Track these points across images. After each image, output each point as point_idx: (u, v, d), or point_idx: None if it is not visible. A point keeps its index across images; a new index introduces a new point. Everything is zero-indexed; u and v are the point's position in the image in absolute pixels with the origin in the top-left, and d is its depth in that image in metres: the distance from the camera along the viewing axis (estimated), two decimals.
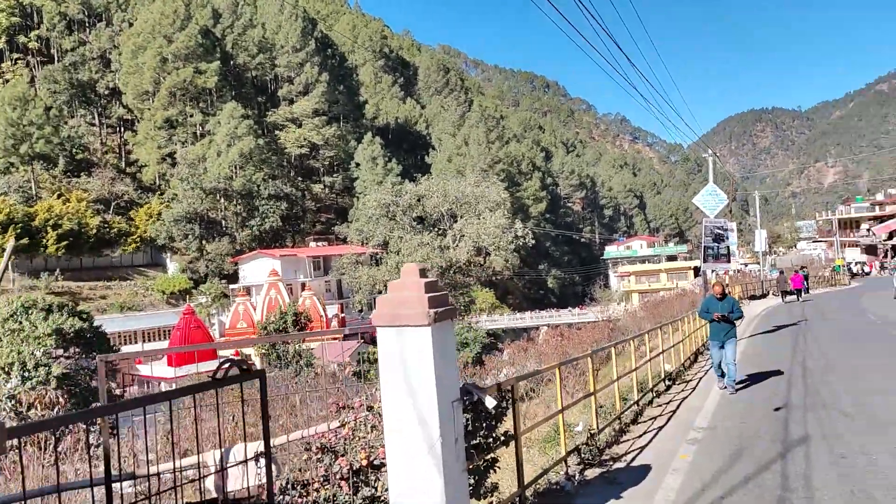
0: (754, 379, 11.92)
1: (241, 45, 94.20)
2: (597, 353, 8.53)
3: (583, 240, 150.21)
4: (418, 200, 51.14)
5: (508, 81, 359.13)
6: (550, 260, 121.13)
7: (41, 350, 26.43)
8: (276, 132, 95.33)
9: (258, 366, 43.70)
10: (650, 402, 10.41)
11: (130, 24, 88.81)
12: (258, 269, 70.30)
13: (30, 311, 27.97)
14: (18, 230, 62.65)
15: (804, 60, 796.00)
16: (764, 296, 41.85)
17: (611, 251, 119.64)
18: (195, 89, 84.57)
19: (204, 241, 76.72)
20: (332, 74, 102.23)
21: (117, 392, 52.44)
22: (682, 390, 11.57)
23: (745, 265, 73.14)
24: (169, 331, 56.74)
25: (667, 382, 11.76)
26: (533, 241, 53.92)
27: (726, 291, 11.90)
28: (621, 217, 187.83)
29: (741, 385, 11.46)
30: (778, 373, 12.31)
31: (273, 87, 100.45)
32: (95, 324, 33.64)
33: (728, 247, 17.54)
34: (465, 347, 39.10)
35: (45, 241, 65.36)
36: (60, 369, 26.54)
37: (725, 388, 11.03)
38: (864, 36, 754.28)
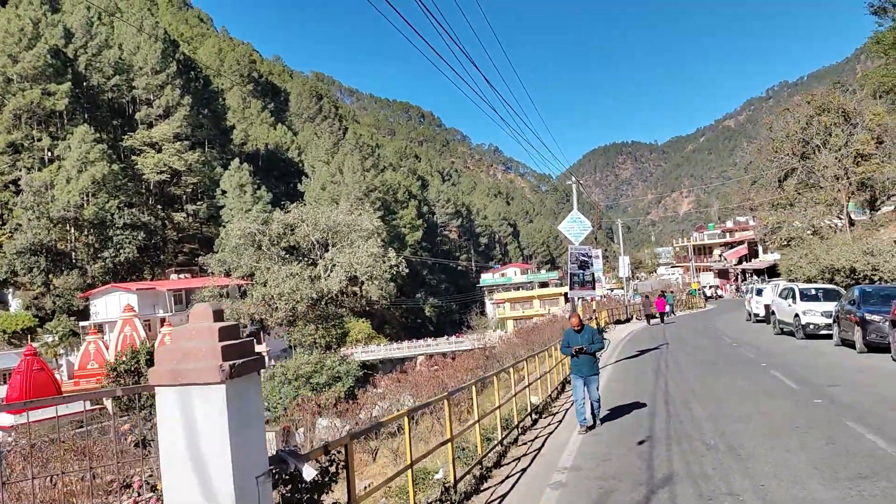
0: (619, 409, 11.64)
1: (96, 66, 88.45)
2: (453, 395, 7.78)
3: (459, 268, 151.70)
4: (290, 230, 49.19)
5: (384, 111, 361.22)
6: (427, 288, 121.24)
7: None
8: (134, 157, 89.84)
9: (109, 410, 40.06)
10: (515, 441, 9.85)
11: None
12: (112, 305, 65.47)
13: None
14: None
15: (660, 97, 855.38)
16: (628, 320, 43.30)
17: (486, 279, 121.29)
18: (43, 112, 78.33)
19: (51, 275, 70.55)
20: (195, 98, 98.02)
21: None
22: (549, 424, 11.10)
23: (611, 290, 76.09)
24: (9, 374, 51.34)
25: (534, 416, 11.26)
26: (407, 270, 53.18)
27: (584, 322, 11.16)
28: (496, 245, 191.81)
29: (605, 416, 11.03)
30: (641, 402, 12.12)
31: (131, 111, 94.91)
32: None
33: (593, 273, 17.54)
34: (338, 382, 37.53)
35: None
36: None
37: (588, 430, 10.14)
38: (711, 75, 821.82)
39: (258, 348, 69.27)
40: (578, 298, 18.66)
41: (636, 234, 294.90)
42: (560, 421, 11.31)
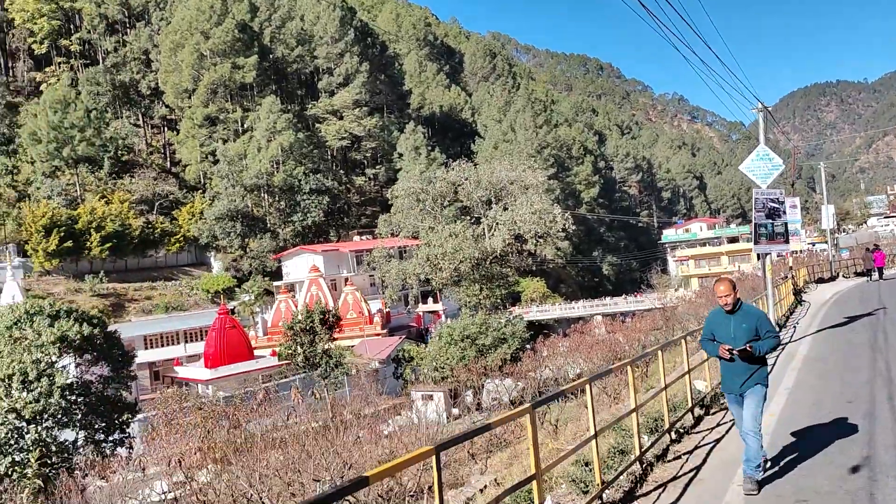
0: (818, 404, 8.72)
1: (280, 38, 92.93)
2: (539, 407, 5.35)
3: (640, 224, 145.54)
4: (454, 188, 48.26)
5: (561, 66, 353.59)
6: (605, 246, 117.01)
7: (45, 359, 24.93)
8: (317, 125, 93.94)
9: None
10: (664, 453, 7.28)
11: (169, 23, 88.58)
12: (300, 266, 69.10)
13: (34, 318, 26.56)
14: (62, 233, 62.78)
15: (870, 29, 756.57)
16: (833, 278, 37.72)
17: (669, 235, 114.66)
18: (234, 85, 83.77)
19: (247, 239, 75.85)
20: (373, 64, 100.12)
21: (157, 394, 51.88)
22: (718, 424, 8.41)
23: (813, 245, 68.27)
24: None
25: (697, 412, 8.69)
26: (573, 227, 50.10)
27: (739, 297, 6.57)
28: (680, 199, 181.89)
29: (792, 442, 7.28)
30: (851, 395, 9.12)
31: (313, 80, 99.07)
32: (112, 328, 32.18)
33: (785, 223, 14.06)
34: (504, 343, 36.38)
35: (88, 243, 65.28)
36: (64, 379, 25.01)
37: (758, 487, 6.02)
38: None
39: (434, 307, 70.28)
40: (766, 255, 15.24)
41: (842, 183, 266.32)
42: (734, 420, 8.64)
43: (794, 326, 17.87)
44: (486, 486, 9.22)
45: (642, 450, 6.52)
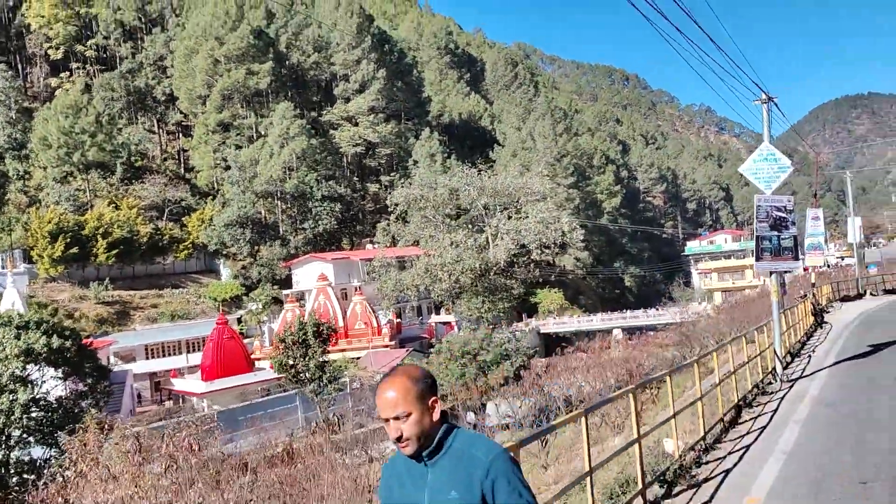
0: (818, 485, 6.54)
1: (296, 44, 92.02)
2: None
3: (664, 235, 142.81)
4: (456, 195, 46.09)
5: (586, 76, 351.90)
6: (627, 257, 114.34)
7: (6, 373, 23.47)
8: (332, 132, 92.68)
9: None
10: None
11: (184, 28, 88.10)
12: (310, 274, 67.52)
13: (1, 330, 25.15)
14: (68, 239, 61.98)
15: None
16: (860, 296, 35.13)
17: (693, 247, 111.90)
18: (248, 91, 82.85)
19: (256, 246, 74.51)
20: (390, 71, 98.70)
21: (155, 406, 50.40)
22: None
23: (842, 259, 65.42)
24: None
25: (653, 493, 6.48)
26: (583, 237, 47.40)
27: (445, 413, 2.68)
28: (706, 211, 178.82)
29: None
30: (871, 466, 6.92)
31: (330, 87, 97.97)
32: (89, 340, 30.74)
33: (794, 237, 11.74)
34: (507, 360, 34.38)
35: (95, 249, 64.44)
36: (26, 395, 23.50)
37: None
38: None
39: (447, 318, 68.32)
40: (771, 273, 12.66)
41: (874, 196, 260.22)
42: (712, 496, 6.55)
43: (810, 356, 15.62)
44: None
45: None
